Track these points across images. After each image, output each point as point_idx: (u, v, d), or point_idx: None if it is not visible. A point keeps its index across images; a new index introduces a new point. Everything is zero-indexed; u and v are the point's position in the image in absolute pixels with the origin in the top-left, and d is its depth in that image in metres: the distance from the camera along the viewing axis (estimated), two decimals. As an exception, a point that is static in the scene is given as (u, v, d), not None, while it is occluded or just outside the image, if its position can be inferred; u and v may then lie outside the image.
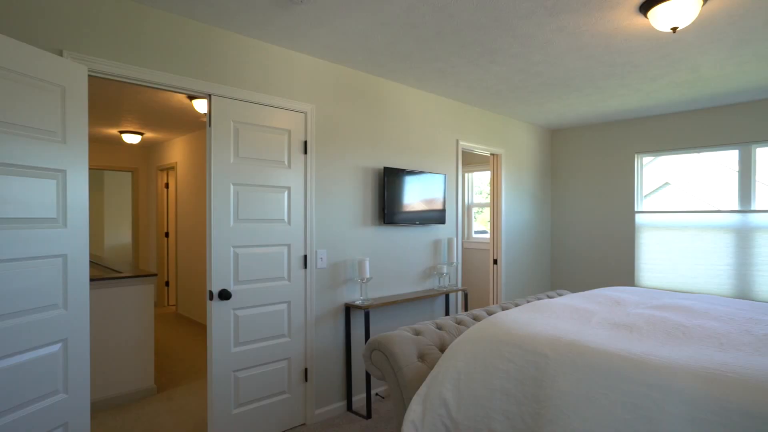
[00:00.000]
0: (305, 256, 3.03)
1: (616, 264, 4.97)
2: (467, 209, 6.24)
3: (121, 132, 5.65)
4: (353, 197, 3.35)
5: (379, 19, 2.48)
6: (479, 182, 6.24)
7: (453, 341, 2.21)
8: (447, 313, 4.08)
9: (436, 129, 4.02)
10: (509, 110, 4.52)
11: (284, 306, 2.93)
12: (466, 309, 4.10)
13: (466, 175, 6.25)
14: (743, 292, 4.13)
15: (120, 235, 7.49)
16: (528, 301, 3.20)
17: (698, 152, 4.51)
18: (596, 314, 2.37)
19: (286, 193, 2.94)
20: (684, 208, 4.61)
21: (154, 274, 3.56)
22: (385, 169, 3.44)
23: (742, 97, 3.99)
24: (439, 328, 2.50)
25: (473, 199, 6.25)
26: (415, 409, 1.97)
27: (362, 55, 3.04)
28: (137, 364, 3.46)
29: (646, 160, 4.90)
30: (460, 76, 3.45)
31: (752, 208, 4.14)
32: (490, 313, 2.86)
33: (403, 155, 3.72)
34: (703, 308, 2.43)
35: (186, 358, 4.50)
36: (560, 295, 3.47)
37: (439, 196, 3.91)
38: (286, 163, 2.94)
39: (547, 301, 2.63)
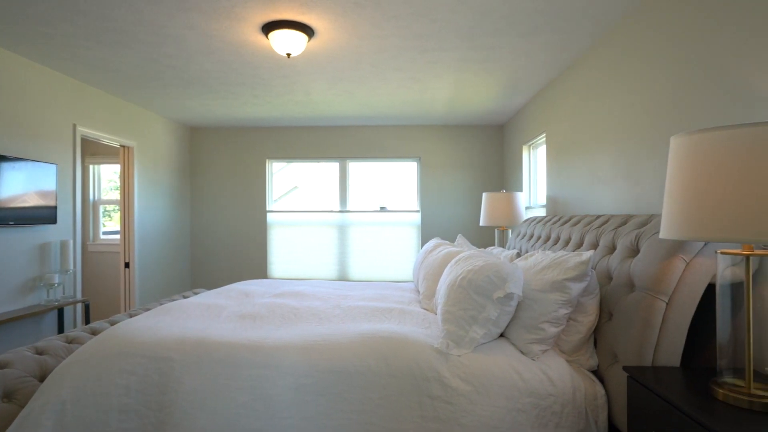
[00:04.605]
0: None
1: (252, 259, 5.39)
2: (93, 206, 5.37)
3: None
4: None
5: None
6: (114, 176, 5.48)
7: (58, 366, 1.86)
8: (62, 332, 3.39)
9: (45, 108, 3.26)
10: (145, 101, 4.17)
11: None
12: (87, 323, 3.52)
13: (91, 167, 5.36)
14: (343, 275, 5.27)
15: None
16: (161, 304, 3.05)
17: (317, 162, 5.45)
18: (227, 308, 2.50)
19: None
20: (307, 208, 5.46)
21: None
22: (-44, 151, 2.54)
23: (341, 121, 5.07)
24: (40, 352, 2.04)
25: (103, 195, 5.43)
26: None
27: None
28: None
29: (280, 165, 5.53)
30: (77, 50, 2.92)
31: (347, 209, 5.34)
32: (113, 324, 2.56)
33: (-12, 136, 2.84)
34: (311, 292, 2.95)
35: None
36: (196, 294, 3.47)
37: (49, 189, 3.20)
38: None
39: (179, 301, 2.58)
